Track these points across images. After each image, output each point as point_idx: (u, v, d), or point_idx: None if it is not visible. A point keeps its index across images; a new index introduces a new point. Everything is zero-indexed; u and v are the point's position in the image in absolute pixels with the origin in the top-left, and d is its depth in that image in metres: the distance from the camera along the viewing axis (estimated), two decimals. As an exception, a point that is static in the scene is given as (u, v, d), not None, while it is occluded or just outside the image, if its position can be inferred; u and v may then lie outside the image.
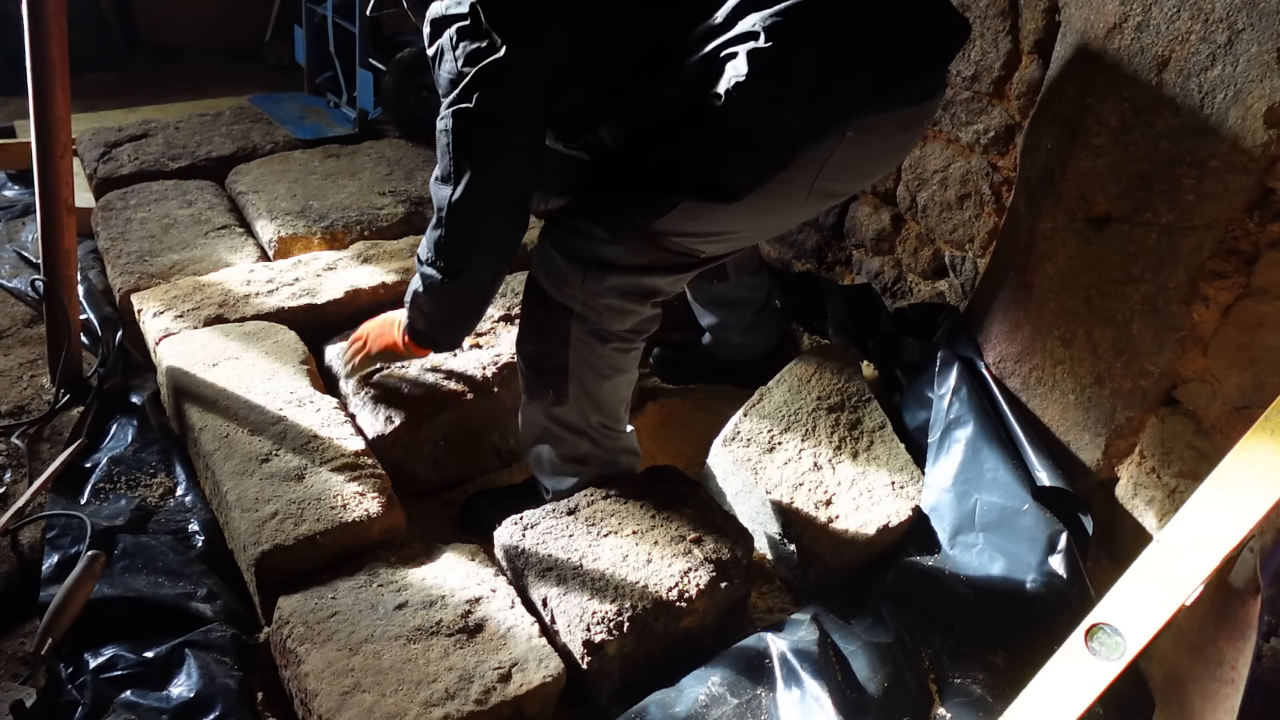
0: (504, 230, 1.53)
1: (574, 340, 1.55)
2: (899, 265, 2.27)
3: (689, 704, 1.37)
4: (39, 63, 1.73)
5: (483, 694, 1.32)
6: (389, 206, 2.58)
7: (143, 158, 2.83)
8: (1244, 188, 1.38)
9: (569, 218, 1.53)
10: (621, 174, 1.52)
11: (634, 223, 1.47)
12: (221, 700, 1.38)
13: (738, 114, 1.35)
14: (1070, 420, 1.69)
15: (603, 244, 1.49)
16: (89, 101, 3.56)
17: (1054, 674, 1.08)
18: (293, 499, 1.58)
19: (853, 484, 1.72)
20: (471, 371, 1.94)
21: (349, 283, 2.19)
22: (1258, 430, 1.03)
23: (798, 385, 1.91)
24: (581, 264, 1.51)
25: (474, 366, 1.95)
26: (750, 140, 1.38)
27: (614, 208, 1.49)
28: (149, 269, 2.27)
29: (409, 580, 1.51)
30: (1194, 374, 1.53)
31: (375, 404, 1.87)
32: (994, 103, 1.91)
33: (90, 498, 1.74)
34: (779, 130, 1.38)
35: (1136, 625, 1.03)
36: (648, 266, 1.52)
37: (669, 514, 1.61)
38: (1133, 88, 1.46)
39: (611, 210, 1.49)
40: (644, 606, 1.44)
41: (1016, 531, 1.60)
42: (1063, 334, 1.66)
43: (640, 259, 1.50)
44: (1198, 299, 1.47)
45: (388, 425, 1.82)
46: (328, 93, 3.40)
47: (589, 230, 1.50)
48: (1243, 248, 1.42)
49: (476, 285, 1.59)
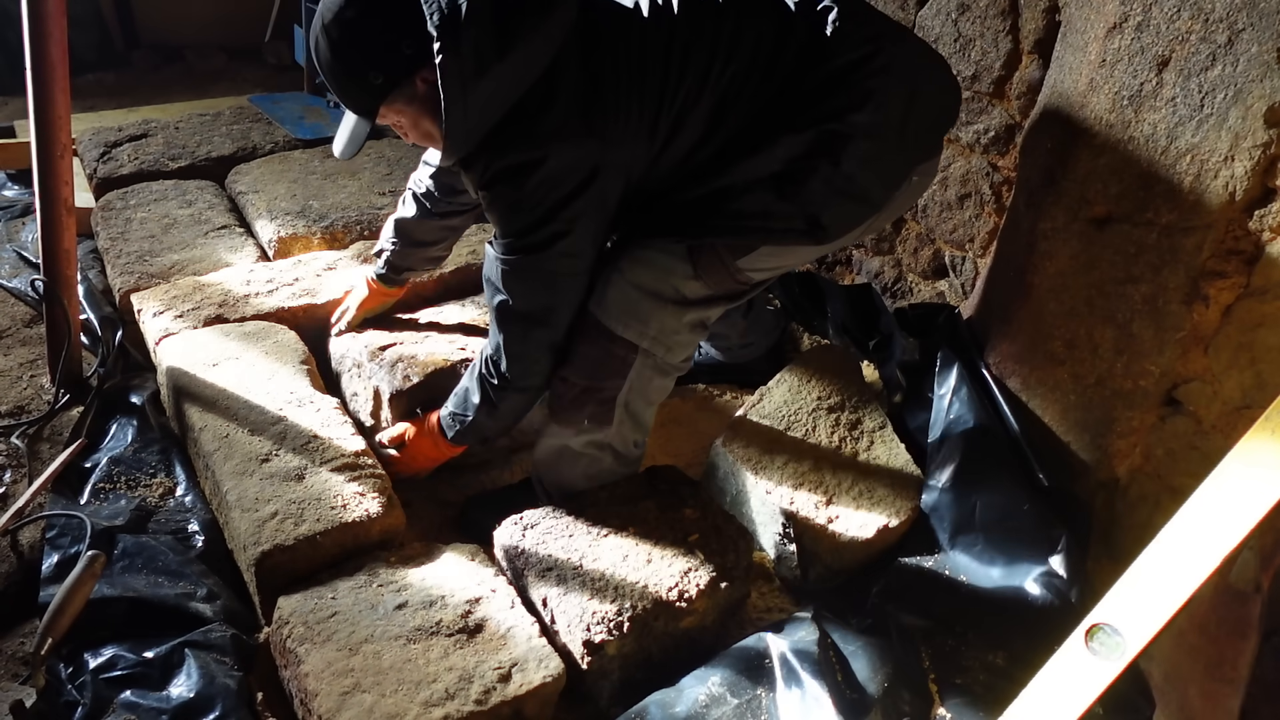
0: (560, 347, 1.56)
1: (633, 374, 1.55)
2: (899, 265, 2.27)
3: (689, 704, 1.37)
4: (39, 63, 1.73)
5: (483, 694, 1.32)
6: (389, 206, 2.58)
7: (143, 158, 2.83)
8: (1244, 188, 1.38)
9: (642, 251, 1.52)
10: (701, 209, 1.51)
11: (719, 257, 1.49)
12: (221, 700, 1.38)
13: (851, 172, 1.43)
14: (1070, 420, 1.68)
15: (684, 279, 1.50)
16: (89, 101, 3.57)
17: (1054, 674, 1.07)
18: (293, 499, 1.58)
19: (853, 484, 1.72)
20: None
21: (349, 283, 2.18)
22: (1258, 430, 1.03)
23: (798, 385, 1.91)
24: (661, 300, 1.51)
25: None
26: (862, 193, 1.47)
27: (700, 239, 1.50)
28: (149, 269, 2.27)
29: (409, 580, 1.51)
30: (1194, 374, 1.53)
31: (393, 366, 1.88)
32: (994, 103, 1.91)
33: (90, 498, 1.74)
34: (885, 179, 1.49)
35: (1136, 625, 1.03)
36: (714, 298, 1.55)
37: (669, 514, 1.61)
38: (1133, 88, 1.46)
39: (698, 243, 1.50)
40: (644, 606, 1.44)
41: (1016, 531, 1.60)
42: (1063, 334, 1.66)
43: (712, 291, 1.53)
44: (1198, 299, 1.47)
45: (406, 382, 1.84)
46: (328, 93, 3.40)
47: (670, 265, 1.50)
48: (1243, 248, 1.41)
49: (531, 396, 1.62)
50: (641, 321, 1.51)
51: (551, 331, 1.52)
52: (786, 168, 1.44)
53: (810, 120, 1.43)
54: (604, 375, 1.55)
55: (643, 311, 1.51)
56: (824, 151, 1.42)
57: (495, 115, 1.35)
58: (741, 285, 1.55)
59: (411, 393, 1.84)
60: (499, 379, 1.56)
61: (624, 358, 1.53)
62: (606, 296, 1.52)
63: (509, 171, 1.38)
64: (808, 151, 1.43)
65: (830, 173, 1.43)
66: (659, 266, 1.50)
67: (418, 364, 1.87)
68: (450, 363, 1.88)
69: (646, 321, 1.51)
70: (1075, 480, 1.66)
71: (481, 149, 1.39)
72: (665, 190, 1.52)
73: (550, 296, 1.49)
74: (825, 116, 1.43)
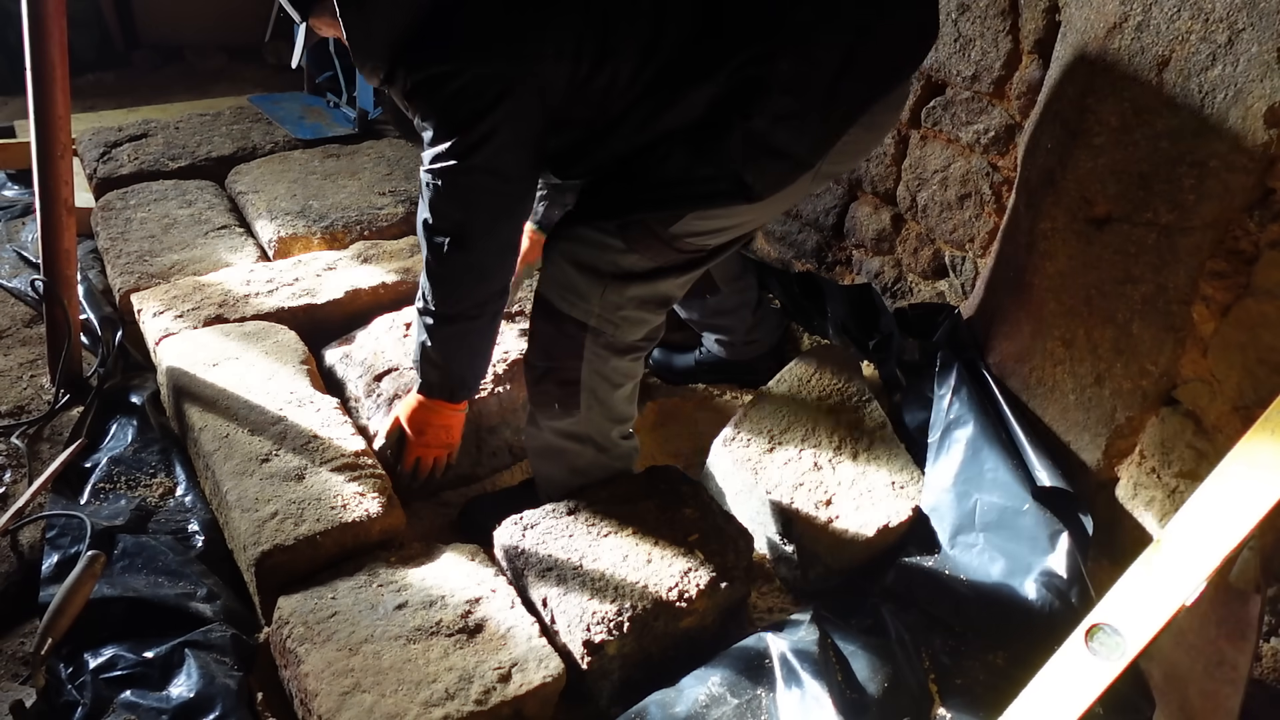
0: (497, 274, 1.53)
1: (587, 354, 1.54)
2: (899, 265, 2.27)
3: (689, 704, 1.37)
4: (39, 63, 1.73)
5: (483, 694, 1.32)
6: (389, 206, 2.58)
7: (143, 158, 2.83)
8: (1244, 188, 1.38)
9: (576, 229, 1.51)
10: (627, 183, 1.50)
11: (649, 229, 1.46)
12: (221, 700, 1.38)
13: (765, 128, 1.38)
14: (1070, 420, 1.68)
15: (619, 254, 1.48)
16: (89, 101, 3.57)
17: (1054, 674, 1.07)
18: (293, 499, 1.58)
19: (853, 484, 1.72)
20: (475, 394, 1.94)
21: (349, 283, 2.19)
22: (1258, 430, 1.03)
23: (798, 385, 1.91)
24: (600, 276, 1.49)
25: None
26: (780, 150, 1.41)
27: (626, 216, 1.47)
28: (149, 269, 2.27)
29: (409, 580, 1.51)
30: (1194, 374, 1.53)
31: (390, 404, 1.86)
32: (994, 103, 1.91)
33: (90, 498, 1.74)
34: (806, 137, 1.43)
35: (1136, 625, 1.03)
36: (660, 270, 1.51)
37: (669, 514, 1.61)
38: (1133, 88, 1.46)
39: (625, 220, 1.47)
40: (644, 606, 1.44)
41: (1016, 531, 1.60)
42: (1063, 334, 1.66)
43: (655, 263, 1.50)
44: (1198, 299, 1.47)
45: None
46: (328, 93, 3.40)
47: (603, 241, 1.48)
48: (1243, 248, 1.41)
49: (477, 329, 1.58)
50: (584, 299, 1.51)
51: (468, 254, 1.48)
52: (707, 115, 1.40)
53: (737, 64, 1.36)
54: (558, 355, 1.56)
55: (583, 288, 1.50)
56: (739, 103, 1.38)
57: (399, 29, 1.34)
58: (687, 253, 1.51)
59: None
60: (423, 306, 1.55)
61: (574, 336, 1.53)
62: (549, 275, 1.53)
63: (424, 85, 1.37)
64: (725, 100, 1.38)
65: (745, 127, 1.38)
66: (593, 243, 1.48)
67: None
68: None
69: (588, 298, 1.50)
70: (1075, 480, 1.66)
71: (399, 64, 1.38)
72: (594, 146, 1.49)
73: (465, 213, 1.45)
74: (749, 60, 1.36)
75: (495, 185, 1.44)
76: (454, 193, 1.43)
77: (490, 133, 1.37)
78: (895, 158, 2.17)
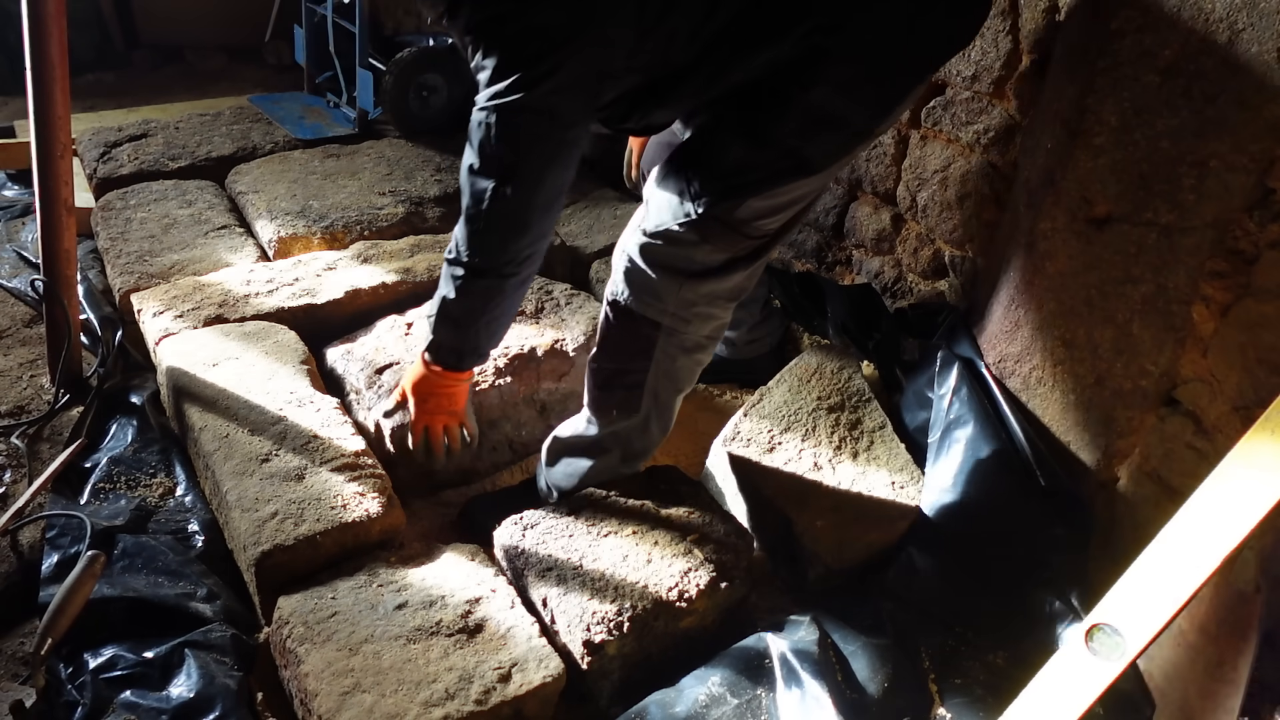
0: (536, 228, 1.48)
1: (658, 354, 1.55)
2: (899, 265, 2.27)
3: (689, 704, 1.37)
4: (39, 63, 1.73)
5: (483, 694, 1.32)
6: (389, 206, 2.58)
7: (143, 158, 2.83)
8: (1244, 188, 1.38)
9: (648, 229, 1.50)
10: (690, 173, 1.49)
11: (716, 218, 1.46)
12: (221, 700, 1.38)
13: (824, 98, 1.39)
14: (1070, 420, 1.68)
15: (693, 247, 1.48)
16: (89, 101, 3.57)
17: (1054, 674, 1.07)
18: (293, 499, 1.58)
19: (853, 484, 1.72)
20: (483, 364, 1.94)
21: (349, 283, 2.19)
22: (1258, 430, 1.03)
23: (798, 385, 1.91)
24: (676, 274, 1.50)
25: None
26: (840, 119, 1.43)
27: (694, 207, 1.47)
28: (149, 269, 2.27)
29: (409, 580, 1.51)
30: (1194, 374, 1.53)
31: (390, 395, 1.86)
32: (994, 103, 1.91)
33: (90, 498, 1.74)
34: (865, 107, 1.44)
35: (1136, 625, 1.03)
36: (733, 260, 1.52)
37: (669, 514, 1.61)
38: (1133, 88, 1.46)
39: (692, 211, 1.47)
40: (644, 606, 1.44)
41: (1016, 531, 1.60)
42: (1063, 334, 1.66)
43: (726, 253, 1.50)
44: (1198, 299, 1.47)
45: (406, 415, 1.82)
46: (328, 93, 3.40)
47: (677, 236, 1.48)
48: (1243, 248, 1.41)
49: (506, 288, 1.54)
50: (659, 298, 1.51)
51: (510, 202, 1.44)
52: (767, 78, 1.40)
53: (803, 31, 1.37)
54: (628, 356, 1.57)
55: (658, 288, 1.51)
56: (798, 71, 1.38)
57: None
58: (754, 239, 1.52)
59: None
60: (454, 257, 1.51)
61: (648, 336, 1.54)
62: (622, 278, 1.53)
63: (489, 21, 1.36)
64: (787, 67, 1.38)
65: (804, 101, 1.39)
66: (667, 239, 1.49)
67: None
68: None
69: (663, 298, 1.51)
70: (1075, 480, 1.66)
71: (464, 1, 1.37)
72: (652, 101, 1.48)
73: (515, 155, 1.42)
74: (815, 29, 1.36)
75: (548, 129, 1.41)
76: (506, 132, 1.40)
77: (551, 71, 1.35)
78: (895, 158, 2.17)
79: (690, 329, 1.55)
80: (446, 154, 2.92)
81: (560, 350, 2.01)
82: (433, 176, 2.77)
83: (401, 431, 1.78)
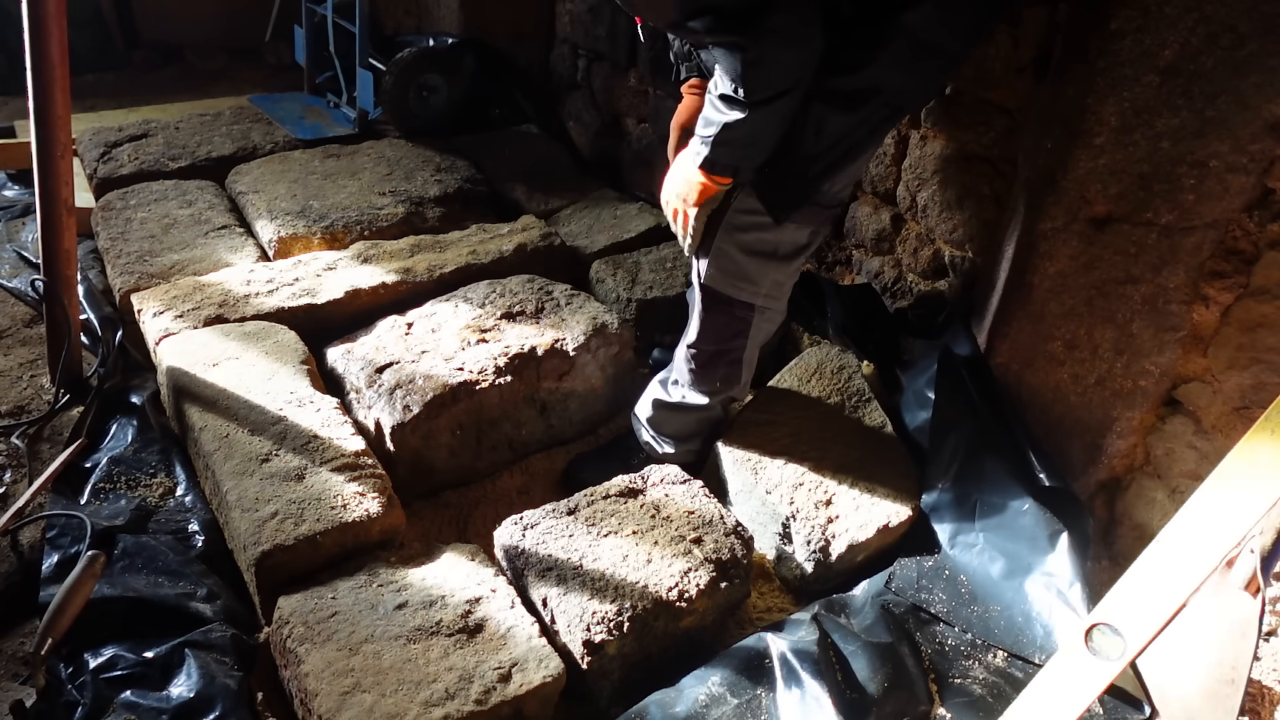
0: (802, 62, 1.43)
1: (752, 331, 1.70)
2: (899, 265, 2.27)
3: (689, 704, 1.37)
4: (39, 63, 1.73)
5: (483, 694, 1.32)
6: (389, 206, 2.58)
7: (143, 158, 2.83)
8: (1244, 188, 1.38)
9: (738, 217, 1.58)
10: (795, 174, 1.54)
11: (806, 196, 1.54)
12: (221, 700, 1.38)
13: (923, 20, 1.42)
14: (1070, 420, 1.69)
15: (784, 231, 1.57)
16: (89, 101, 3.57)
17: (1054, 674, 1.08)
18: (293, 499, 1.58)
19: (853, 484, 1.72)
20: (483, 364, 1.94)
21: (349, 283, 2.19)
22: (1258, 430, 1.04)
23: (798, 385, 1.91)
24: (768, 259, 1.60)
25: (485, 359, 1.95)
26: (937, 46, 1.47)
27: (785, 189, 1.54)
28: (149, 269, 2.27)
29: (409, 580, 1.51)
30: (1194, 374, 1.53)
31: (391, 394, 1.87)
32: (994, 103, 1.91)
33: (90, 498, 1.74)
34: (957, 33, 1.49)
35: (1136, 625, 1.03)
36: (815, 235, 1.62)
37: (669, 514, 1.61)
38: (1133, 88, 1.46)
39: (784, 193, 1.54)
40: (644, 606, 1.44)
41: (1016, 531, 1.60)
42: (1063, 334, 1.66)
43: (812, 227, 1.60)
44: (1198, 299, 1.47)
45: (406, 414, 1.82)
46: (328, 93, 3.40)
47: (767, 223, 1.56)
48: (1243, 248, 1.42)
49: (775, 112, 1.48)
50: (754, 283, 1.63)
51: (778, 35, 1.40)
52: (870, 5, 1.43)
53: None
54: (729, 338, 1.70)
55: (753, 273, 1.61)
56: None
57: None
58: (834, 209, 1.62)
59: (412, 425, 1.83)
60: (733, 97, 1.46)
61: (744, 318, 1.67)
62: (717, 268, 1.63)
63: None
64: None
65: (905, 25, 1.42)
66: (758, 226, 1.57)
67: (416, 390, 1.86)
68: (449, 387, 1.87)
69: (758, 282, 1.62)
70: (1075, 480, 1.66)
71: None
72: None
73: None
74: None
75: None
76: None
77: None
78: (895, 158, 2.17)
79: (777, 303, 1.68)
80: (446, 154, 2.92)
81: (560, 350, 2.01)
82: (433, 176, 2.77)
83: (402, 432, 1.78)
